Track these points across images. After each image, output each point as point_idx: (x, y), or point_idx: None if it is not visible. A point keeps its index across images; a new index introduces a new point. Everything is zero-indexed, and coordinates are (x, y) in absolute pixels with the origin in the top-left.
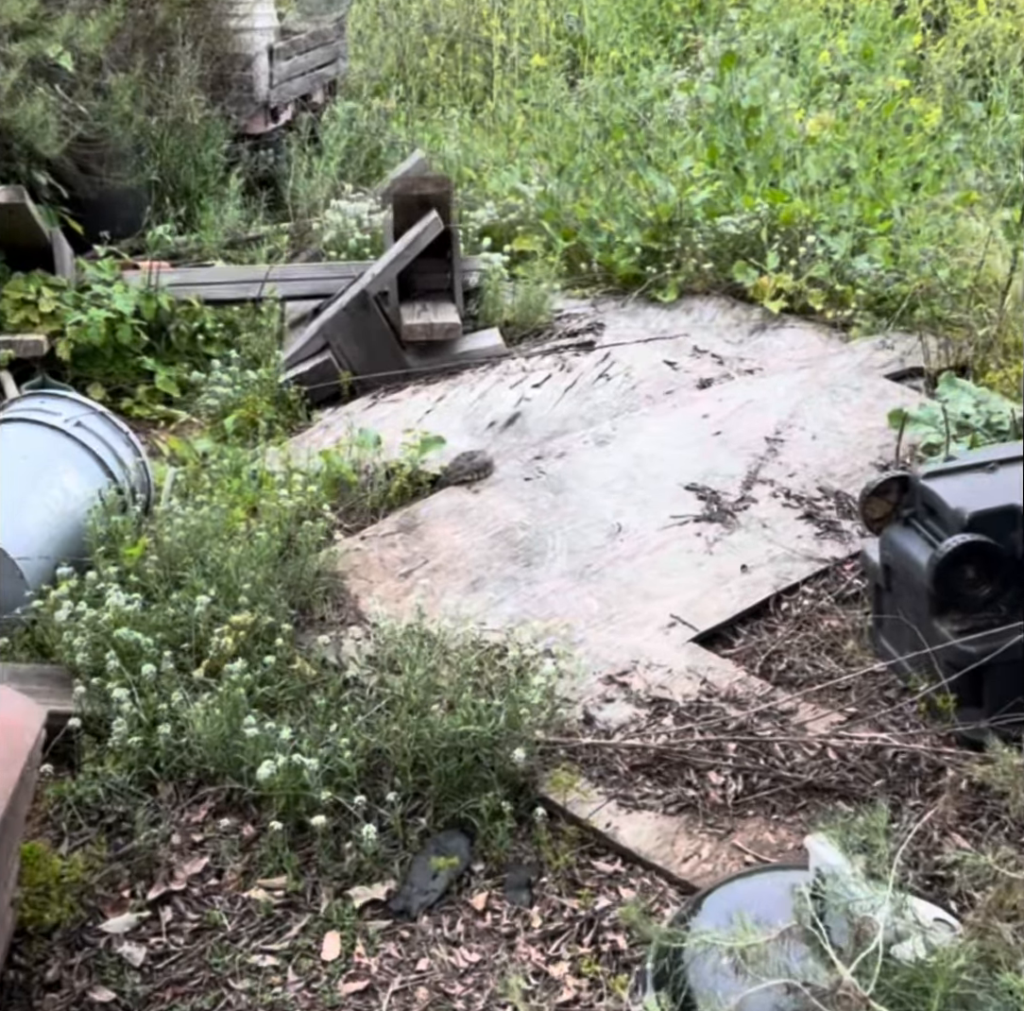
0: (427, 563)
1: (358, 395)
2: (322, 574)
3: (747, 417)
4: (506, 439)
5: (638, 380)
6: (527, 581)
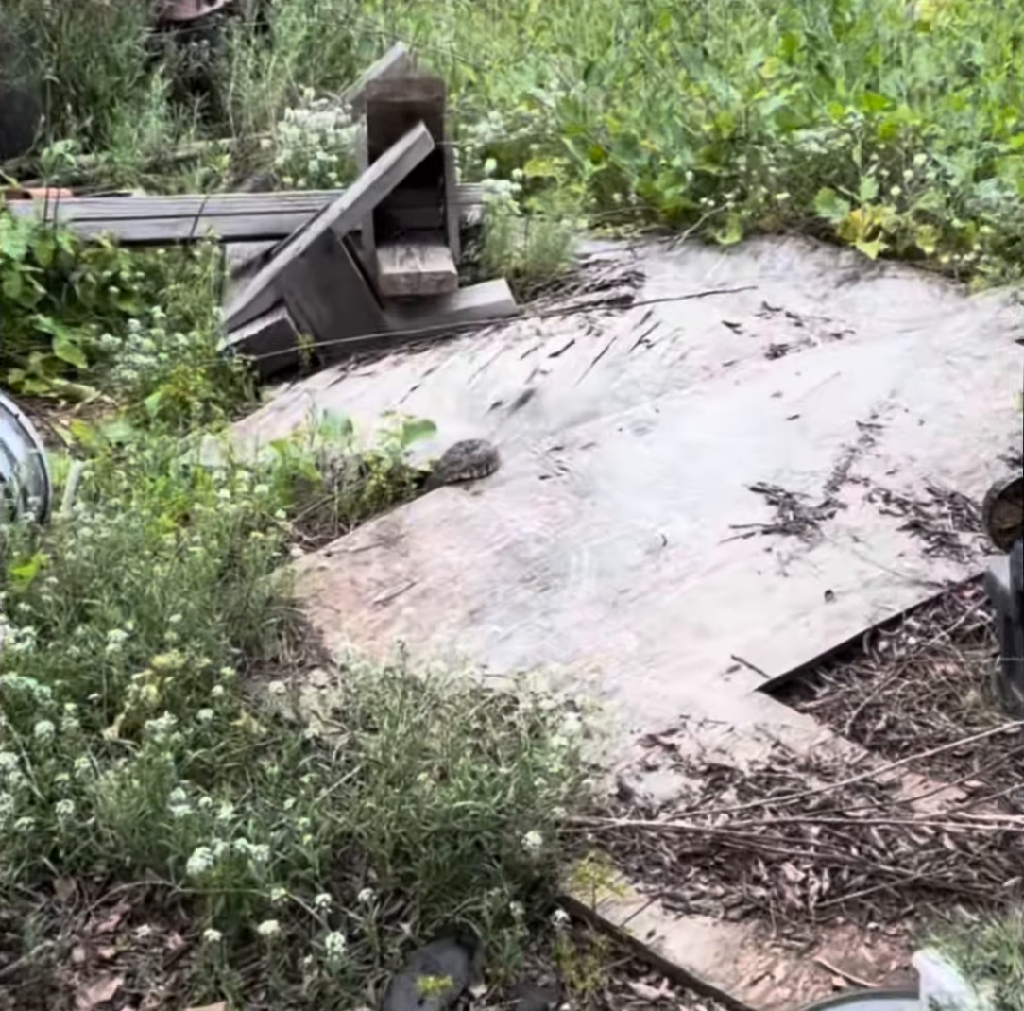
0: (412, 586)
1: (322, 367)
2: (275, 602)
3: (833, 395)
4: (515, 425)
5: (689, 347)
6: (543, 611)
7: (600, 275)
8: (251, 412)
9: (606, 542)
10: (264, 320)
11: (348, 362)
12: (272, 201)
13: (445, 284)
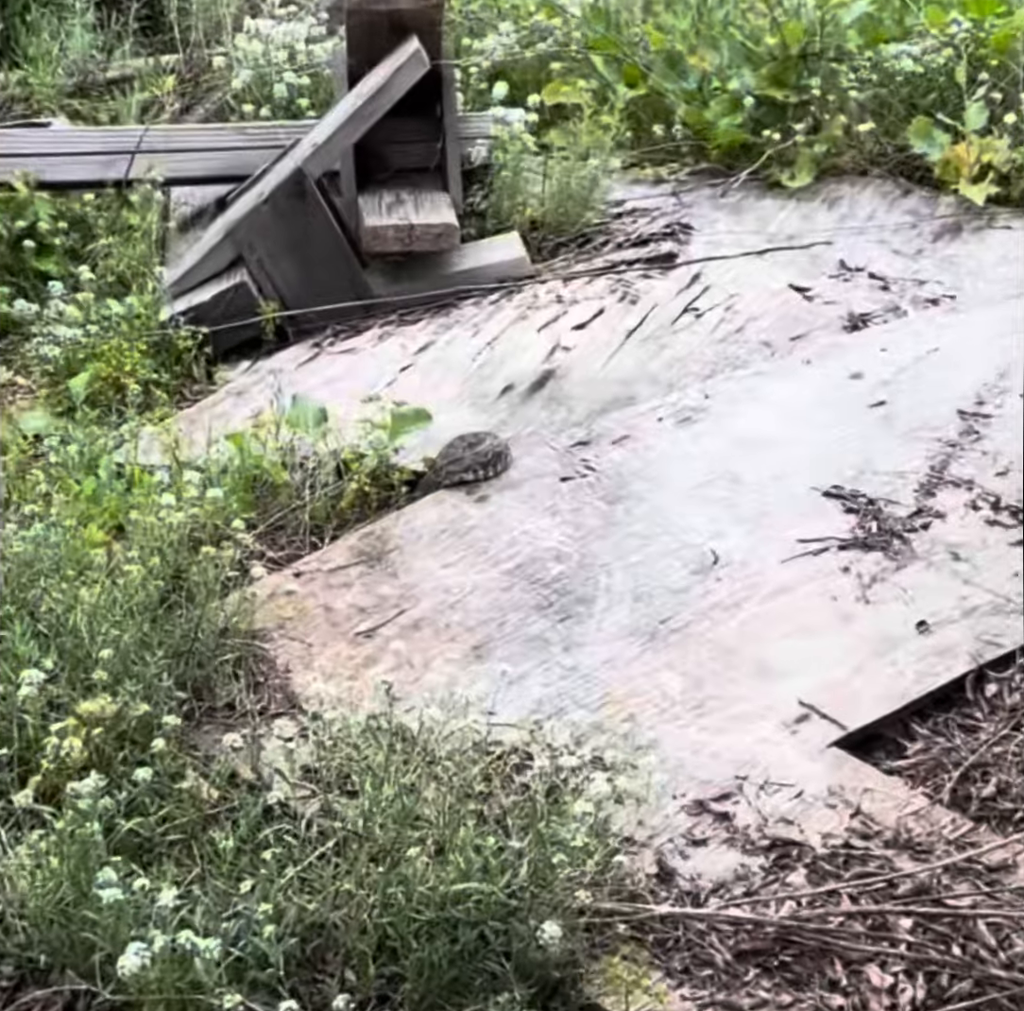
0: (402, 614)
1: (290, 341)
2: (231, 633)
3: (929, 378)
4: (531, 413)
5: (747, 317)
6: (564, 645)
7: (636, 228)
8: (202, 398)
9: (643, 559)
10: (218, 283)
11: (323, 336)
12: (228, 135)
13: (444, 239)
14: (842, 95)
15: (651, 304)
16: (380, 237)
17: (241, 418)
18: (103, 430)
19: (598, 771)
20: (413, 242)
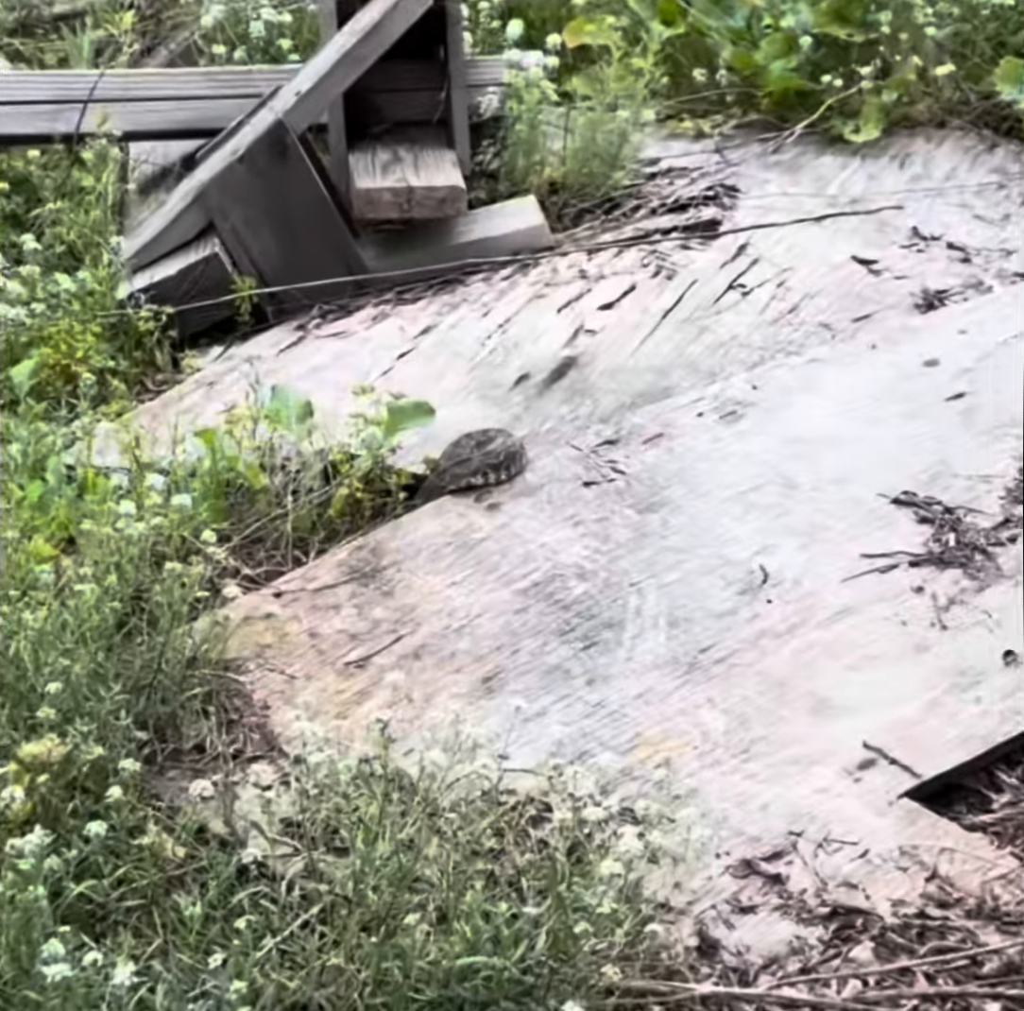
0: (400, 641)
1: (270, 323)
2: (200, 664)
3: (1016, 365)
4: (549, 408)
5: (803, 295)
6: (588, 677)
7: (674, 190)
8: (167, 389)
9: (680, 578)
10: (186, 255)
11: (308, 317)
12: (196, 81)
13: (448, 204)
14: (917, 33)
15: (690, 280)
16: (374, 202)
17: (212, 412)
18: (51, 427)
19: (628, 825)
20: (412, 207)
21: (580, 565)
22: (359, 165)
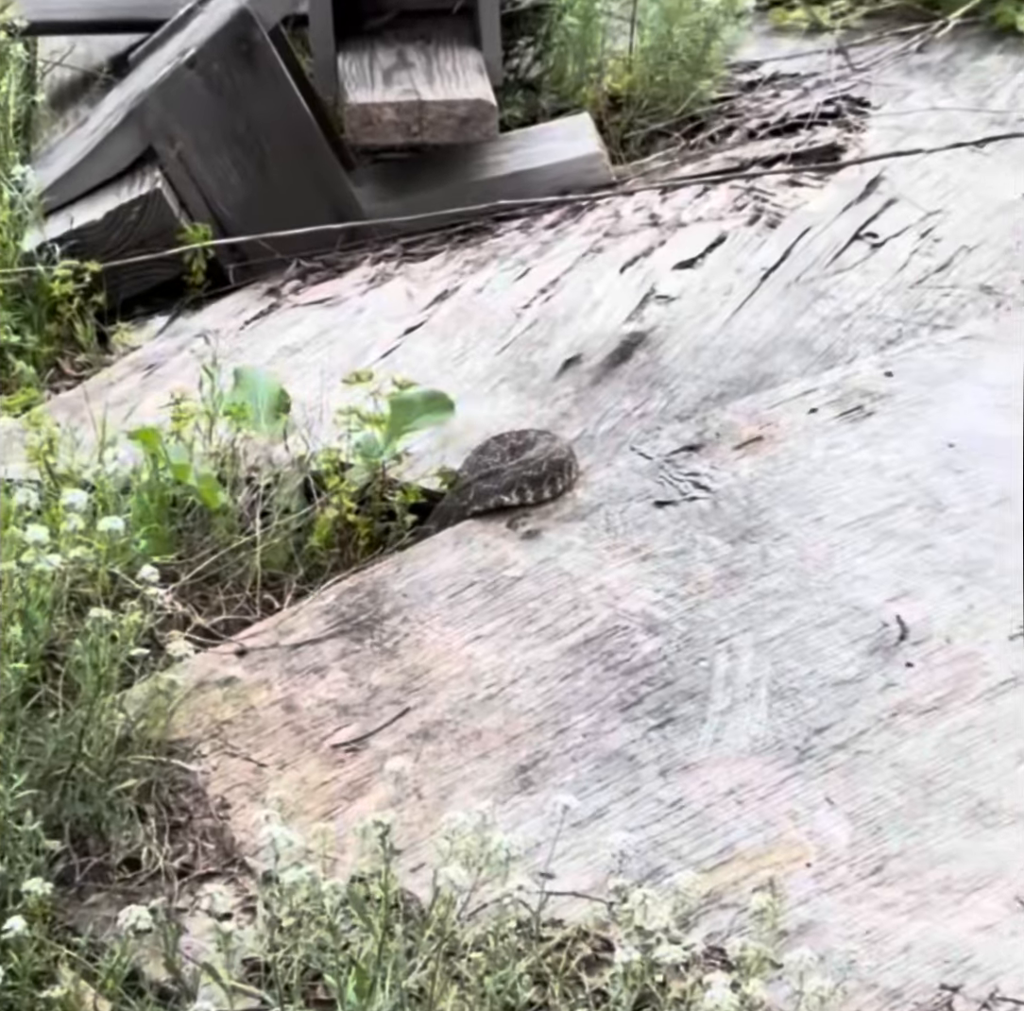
0: (406, 715)
1: (233, 285)
2: (136, 746)
3: None
4: (608, 401)
5: (957, 247)
6: (662, 766)
7: (779, 105)
8: (91, 373)
9: (787, 631)
10: (116, 193)
11: (282, 277)
12: None
13: (473, 125)
14: None
15: (800, 228)
16: (373, 122)
17: (153, 406)
18: None
19: (717, 970)
20: (424, 130)
21: (650, 614)
22: (352, 71)
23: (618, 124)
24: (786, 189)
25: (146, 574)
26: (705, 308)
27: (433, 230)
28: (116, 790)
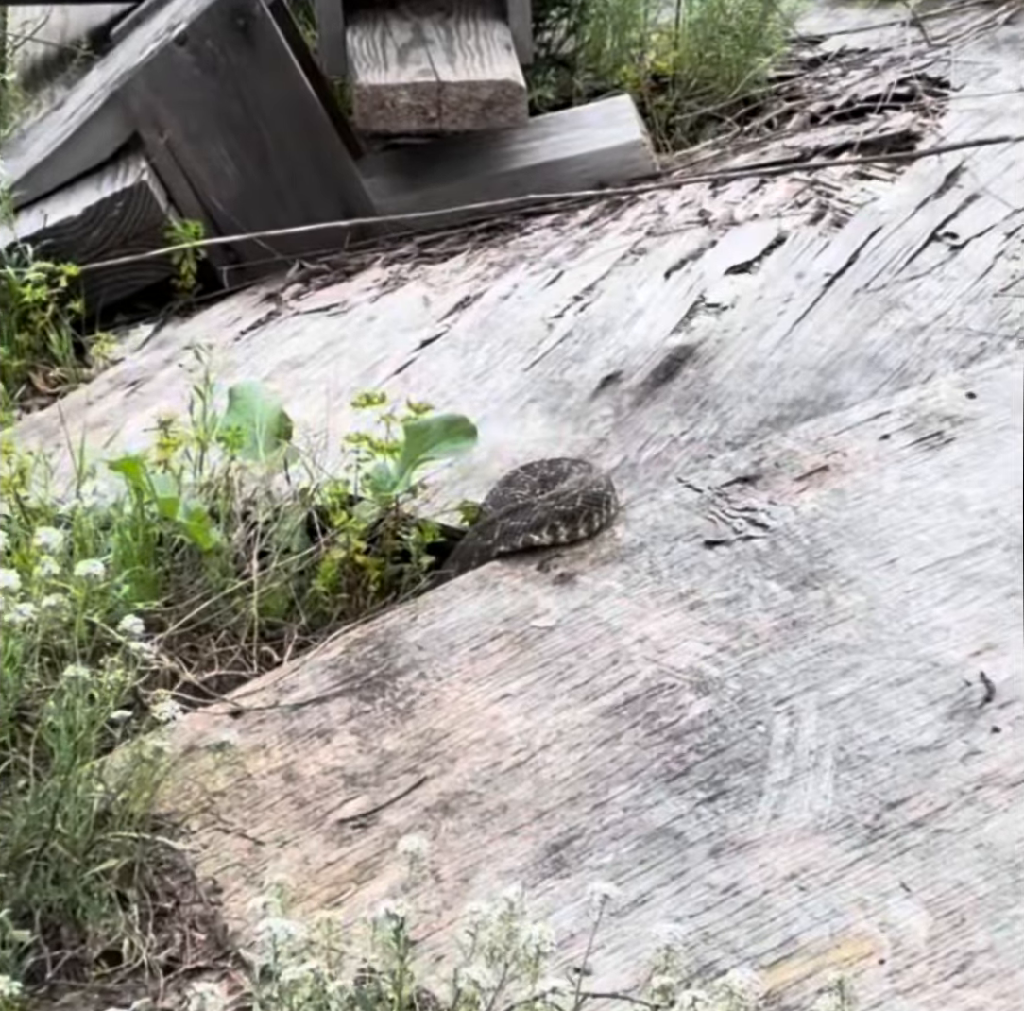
0: (422, 786)
1: (227, 290)
2: (117, 822)
3: None
4: (652, 425)
5: None
6: (714, 845)
7: (847, 86)
8: (68, 390)
9: (855, 691)
10: (97, 185)
11: (283, 282)
12: None
13: (499, 109)
14: None
15: (870, 227)
16: (386, 105)
17: (137, 429)
18: None
19: None
20: (443, 115)
21: (699, 670)
22: (362, 49)
23: (663, 107)
24: (853, 182)
25: (129, 624)
26: (761, 318)
27: (453, 228)
28: (94, 872)
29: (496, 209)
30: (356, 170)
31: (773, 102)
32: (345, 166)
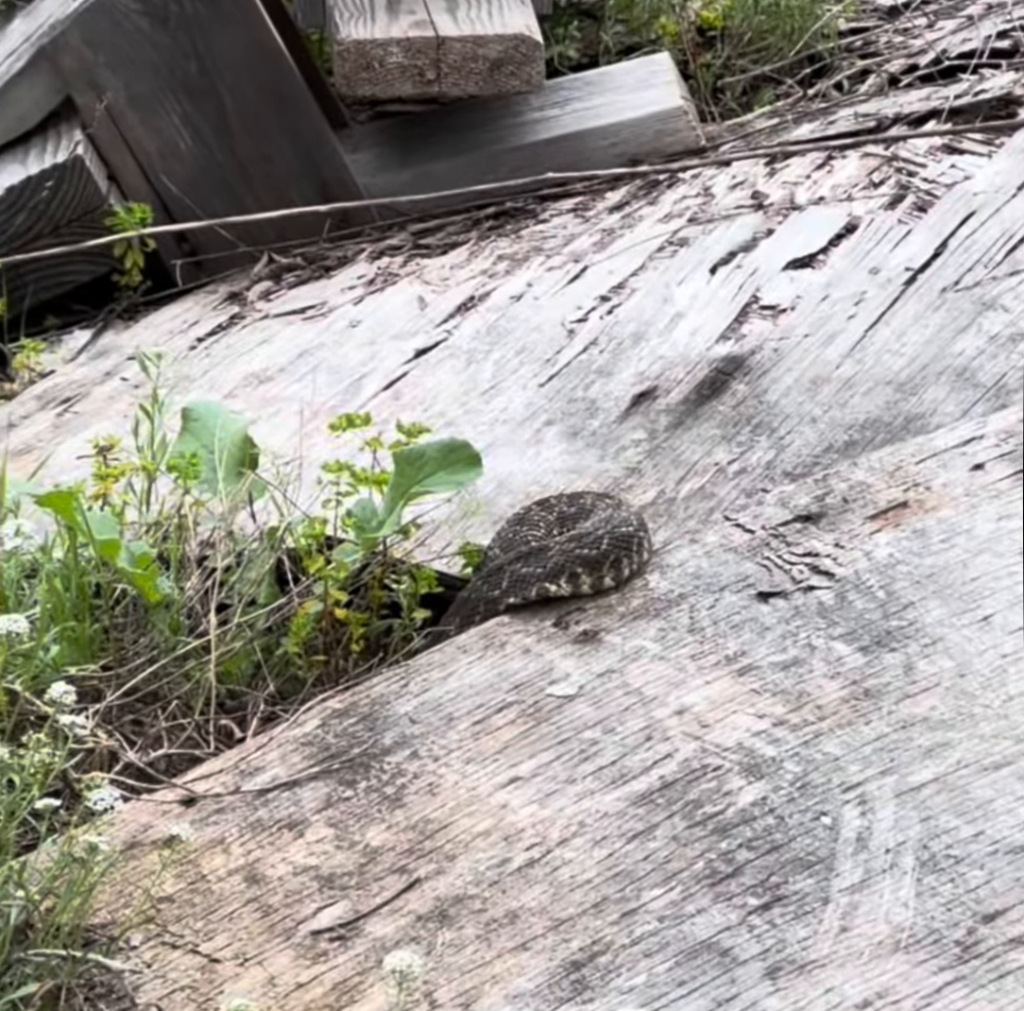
0: (413, 888)
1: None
2: (42, 937)
3: None
4: (692, 451)
5: None
6: (769, 964)
7: (933, 39)
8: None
9: (942, 774)
10: (22, 161)
11: (248, 279)
12: None
13: (510, 69)
14: None
15: (961, 212)
16: (373, 65)
17: (69, 456)
18: None
19: None
20: (443, 77)
21: (751, 749)
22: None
23: (709, 67)
24: (941, 158)
25: (58, 693)
26: (827, 323)
27: (454, 213)
28: (9, 1000)
29: (507, 191)
30: (338, 143)
31: (843, 60)
32: (324, 138)
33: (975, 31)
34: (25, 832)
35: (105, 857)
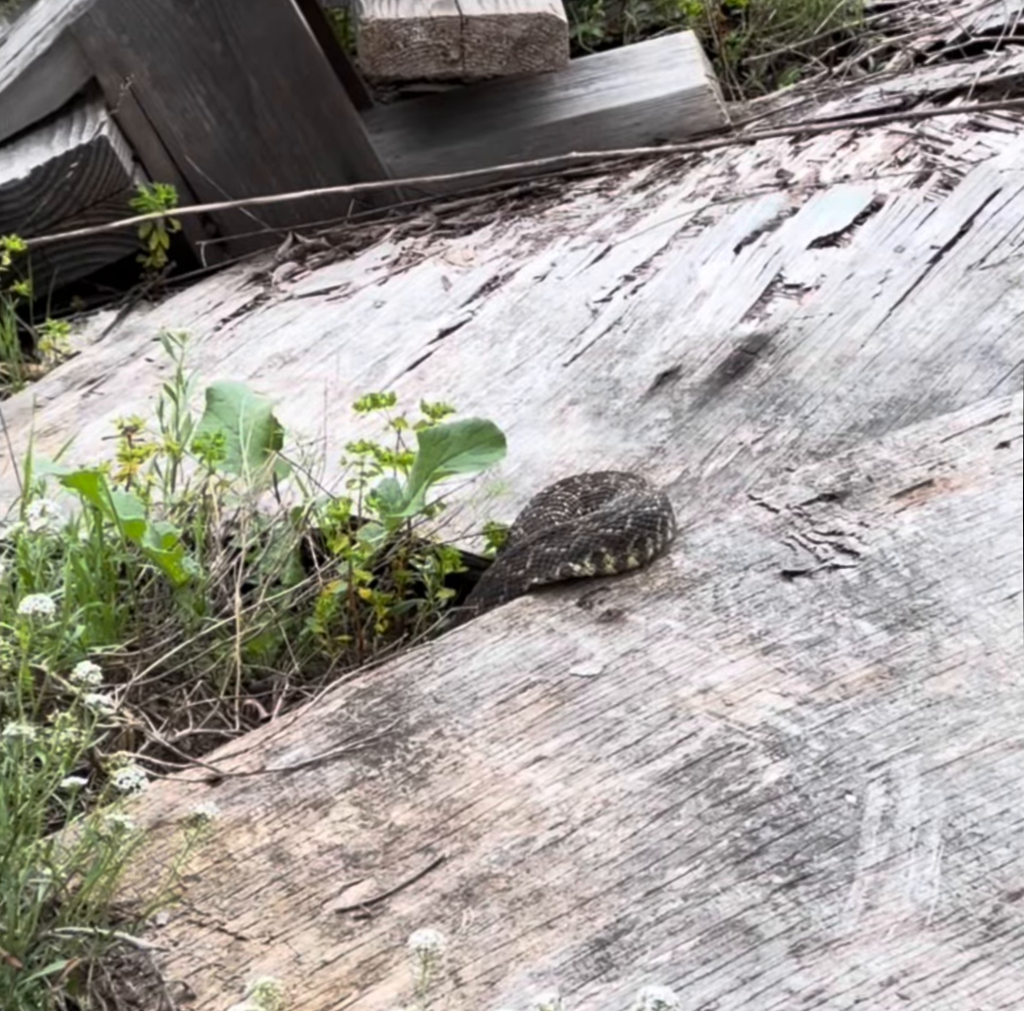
0: (438, 868)
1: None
2: (67, 913)
3: None
4: (718, 431)
5: None
6: (794, 942)
7: (959, 15)
8: (12, 390)
9: (968, 753)
10: (48, 142)
11: (272, 260)
12: None
13: (534, 49)
14: None
15: (987, 190)
16: (397, 45)
17: (95, 437)
18: None
19: None
20: (467, 56)
21: (775, 728)
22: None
23: (734, 45)
24: (967, 135)
25: (84, 673)
26: (852, 302)
27: (478, 193)
28: (38, 977)
29: (531, 171)
30: (362, 124)
31: (869, 37)
32: (349, 118)
33: (1002, 7)
34: (52, 811)
35: (131, 836)
